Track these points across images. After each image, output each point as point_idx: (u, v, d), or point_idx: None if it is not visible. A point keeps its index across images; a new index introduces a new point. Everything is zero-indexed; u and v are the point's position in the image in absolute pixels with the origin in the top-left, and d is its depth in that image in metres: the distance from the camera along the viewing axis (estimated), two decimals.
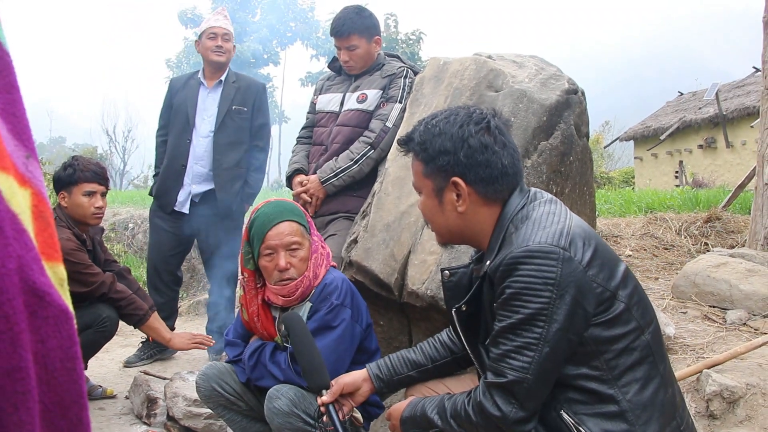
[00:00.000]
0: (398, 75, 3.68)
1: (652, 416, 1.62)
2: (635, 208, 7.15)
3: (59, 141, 59.33)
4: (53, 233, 0.78)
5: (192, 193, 4.48)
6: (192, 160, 4.47)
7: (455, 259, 2.89)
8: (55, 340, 0.72)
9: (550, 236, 1.62)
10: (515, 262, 1.60)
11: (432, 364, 2.20)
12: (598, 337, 1.61)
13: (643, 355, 1.65)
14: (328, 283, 2.58)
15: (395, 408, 1.99)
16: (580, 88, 3.41)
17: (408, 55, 27.85)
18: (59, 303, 0.73)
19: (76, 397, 0.75)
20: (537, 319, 1.57)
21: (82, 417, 0.77)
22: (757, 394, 2.43)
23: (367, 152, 3.52)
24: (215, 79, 4.55)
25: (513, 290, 1.59)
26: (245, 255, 2.64)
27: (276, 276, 2.54)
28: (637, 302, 1.69)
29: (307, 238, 2.62)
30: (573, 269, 1.58)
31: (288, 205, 2.67)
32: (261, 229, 2.55)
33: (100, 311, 3.52)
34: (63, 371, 0.73)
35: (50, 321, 0.72)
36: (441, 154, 1.78)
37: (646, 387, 1.63)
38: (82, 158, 3.76)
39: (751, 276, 3.42)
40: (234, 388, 2.74)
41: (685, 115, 20.47)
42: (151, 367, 4.36)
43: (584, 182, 3.44)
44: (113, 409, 3.81)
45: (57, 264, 0.77)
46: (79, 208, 3.60)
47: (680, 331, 3.13)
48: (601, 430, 1.60)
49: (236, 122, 4.48)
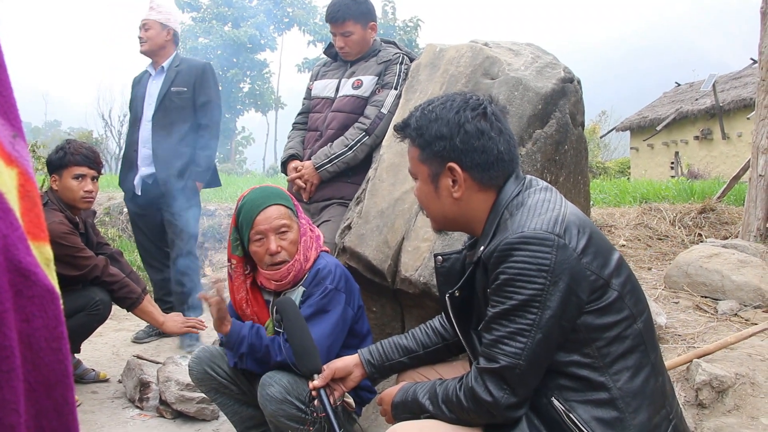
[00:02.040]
0: (394, 61, 3.67)
1: (641, 404, 1.62)
2: (630, 198, 7.16)
3: (54, 125, 59.08)
4: (40, 213, 0.77)
5: (142, 175, 4.67)
6: (141, 144, 4.69)
7: (448, 246, 2.89)
8: (40, 320, 0.72)
9: (546, 223, 1.62)
10: (510, 248, 1.60)
11: (423, 350, 2.21)
12: (590, 325, 1.62)
13: (634, 343, 1.66)
14: (322, 267, 2.58)
15: (387, 393, 1.98)
16: (576, 77, 3.40)
17: (405, 42, 27.79)
18: (45, 282, 0.73)
19: (61, 376, 0.75)
20: (530, 305, 1.56)
21: (67, 397, 0.77)
22: (746, 384, 2.44)
23: (361, 138, 3.52)
24: (158, 67, 4.76)
25: (507, 276, 1.59)
26: (233, 242, 2.64)
27: (267, 260, 2.54)
28: (630, 291, 1.69)
29: (295, 221, 2.62)
30: (567, 256, 1.58)
31: (274, 190, 2.67)
32: (249, 214, 2.55)
33: (93, 294, 3.51)
34: (48, 351, 0.73)
35: (36, 300, 0.72)
36: (437, 140, 1.78)
37: (636, 375, 1.64)
38: (75, 142, 3.75)
39: (743, 267, 3.43)
40: (226, 371, 2.74)
41: (682, 106, 20.46)
42: (144, 351, 4.36)
43: (579, 171, 3.44)
44: (106, 392, 3.82)
45: (43, 244, 0.76)
46: (68, 192, 3.60)
47: (672, 320, 3.14)
48: (591, 417, 1.60)
49: (176, 103, 4.64)
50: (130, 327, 5.13)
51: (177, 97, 4.63)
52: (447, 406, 1.74)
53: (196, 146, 4.66)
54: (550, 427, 1.64)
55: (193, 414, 3.36)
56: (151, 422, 3.41)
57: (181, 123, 4.63)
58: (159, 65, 4.73)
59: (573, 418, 1.61)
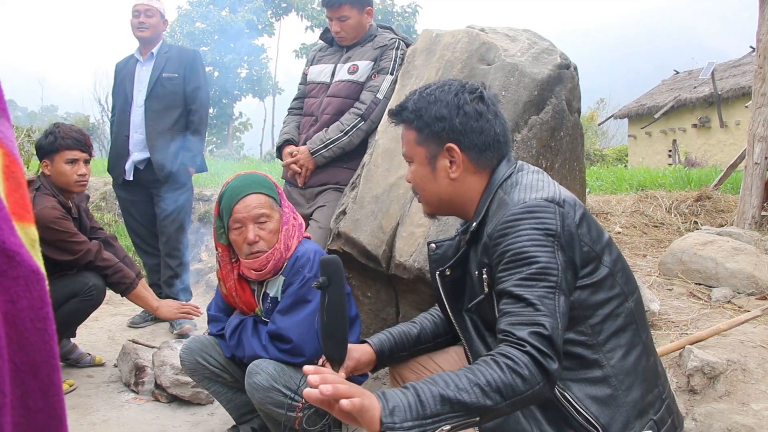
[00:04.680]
0: (390, 47, 3.66)
1: (634, 382, 1.65)
2: (627, 186, 7.16)
3: (51, 110, 58.79)
4: (25, 194, 0.77)
5: (134, 160, 4.67)
6: (132, 129, 4.69)
7: (443, 232, 2.89)
8: (25, 300, 0.72)
9: (546, 195, 1.66)
10: (515, 219, 1.62)
11: (434, 340, 2.14)
12: (584, 302, 1.64)
13: (626, 321, 1.68)
14: (300, 255, 2.57)
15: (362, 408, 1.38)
16: (572, 63, 3.39)
17: (403, 28, 27.63)
18: (30, 263, 0.72)
19: (47, 357, 0.75)
20: (549, 269, 1.54)
21: (53, 377, 0.77)
22: (738, 371, 2.46)
23: (357, 124, 3.51)
24: (147, 53, 4.76)
25: (519, 244, 1.58)
26: (218, 230, 2.63)
27: (246, 249, 2.54)
28: (620, 269, 1.72)
29: (277, 209, 2.60)
30: (569, 223, 1.62)
31: (256, 178, 2.64)
32: (228, 202, 2.54)
33: (87, 279, 3.51)
34: (34, 331, 0.73)
35: (20, 281, 0.71)
36: (436, 121, 1.81)
37: (629, 353, 1.66)
38: (64, 125, 3.72)
39: (738, 254, 3.44)
40: (218, 360, 2.74)
41: (680, 93, 20.41)
42: (140, 335, 4.37)
43: (574, 158, 3.44)
44: (102, 377, 3.84)
45: (28, 225, 0.76)
46: (62, 176, 3.58)
47: (665, 307, 3.15)
48: (585, 395, 1.62)
49: (167, 89, 4.65)
50: (126, 312, 5.14)
51: (168, 83, 4.65)
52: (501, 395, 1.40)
53: (187, 132, 4.70)
54: (544, 407, 1.65)
55: (189, 398, 3.38)
56: (147, 406, 3.42)
57: (173, 108, 4.66)
58: (148, 51, 4.73)
59: (567, 396, 1.62)
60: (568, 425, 1.62)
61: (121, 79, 4.81)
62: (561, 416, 1.63)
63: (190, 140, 4.71)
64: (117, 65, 4.97)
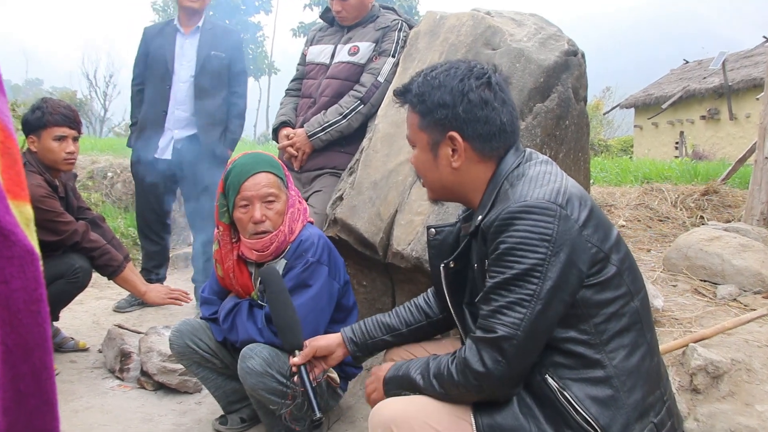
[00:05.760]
0: (392, 28, 3.65)
1: (636, 383, 1.65)
2: (632, 178, 7.17)
3: (36, 83, 58.48)
4: (20, 171, 0.77)
5: (174, 138, 4.59)
6: (173, 105, 4.59)
7: (442, 220, 2.89)
8: (19, 281, 0.72)
9: (548, 193, 1.63)
10: (512, 216, 1.61)
11: (407, 327, 2.22)
12: (588, 300, 1.63)
13: (631, 321, 1.68)
14: (304, 239, 2.58)
15: (379, 368, 1.98)
16: (580, 50, 3.39)
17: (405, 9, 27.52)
18: (24, 243, 0.73)
19: (40, 340, 0.75)
20: (531, 275, 1.56)
21: (45, 361, 0.77)
22: (742, 370, 2.47)
23: (356, 107, 3.50)
24: (192, 26, 4.66)
25: (508, 245, 1.59)
26: (220, 207, 2.63)
27: (251, 228, 2.54)
28: (628, 268, 1.71)
29: (284, 191, 2.61)
30: (569, 227, 1.60)
31: (265, 157, 2.65)
32: (237, 179, 2.54)
33: (73, 261, 3.49)
34: (27, 313, 0.73)
35: (14, 261, 0.72)
36: (439, 107, 1.79)
37: (632, 354, 1.66)
38: (52, 100, 3.68)
39: (745, 251, 3.44)
40: (209, 345, 2.75)
41: (689, 84, 20.39)
42: (126, 320, 4.37)
43: (579, 147, 3.44)
44: (85, 362, 3.83)
45: (23, 203, 0.76)
46: (49, 153, 3.54)
47: (669, 304, 3.16)
48: (585, 395, 1.62)
49: (215, 67, 4.60)
50: (111, 295, 5.14)
51: (216, 61, 4.60)
52: (437, 381, 1.72)
53: (230, 114, 4.69)
54: (543, 405, 1.66)
55: (176, 386, 3.38)
56: (132, 393, 3.42)
57: (219, 89, 4.63)
58: (193, 24, 4.64)
59: (567, 395, 1.62)
60: (567, 425, 1.62)
61: (156, 48, 4.67)
62: (560, 415, 1.63)
63: (234, 123, 4.71)
64: (146, 31, 4.86)
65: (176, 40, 4.63)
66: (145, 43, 4.77)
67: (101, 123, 32.64)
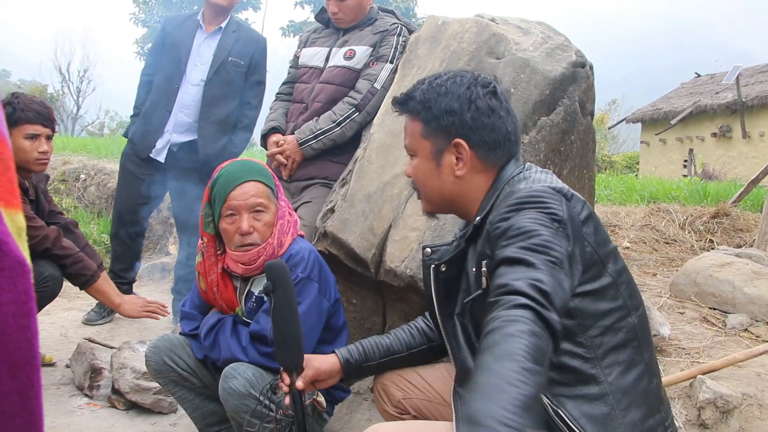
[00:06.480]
0: (391, 32, 3.67)
1: (632, 403, 1.66)
2: (637, 197, 7.21)
3: (3, 75, 58.17)
4: (13, 178, 0.78)
5: (172, 142, 4.55)
6: (177, 108, 4.55)
7: (439, 238, 2.91)
8: (9, 294, 0.72)
9: (553, 186, 1.70)
10: (521, 202, 1.64)
11: (407, 351, 2.23)
12: (585, 310, 1.65)
13: (628, 337, 1.70)
14: (294, 253, 2.58)
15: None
16: (588, 62, 3.42)
17: (402, 11, 27.61)
18: (16, 254, 0.73)
19: (28, 356, 0.76)
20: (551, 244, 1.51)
21: (32, 379, 0.77)
22: (753, 406, 2.49)
23: (351, 114, 3.52)
24: (215, 25, 4.60)
25: (521, 224, 1.57)
26: (206, 217, 2.62)
27: (237, 240, 2.53)
28: (625, 282, 1.75)
29: (274, 202, 2.62)
30: (575, 215, 1.65)
31: (255, 165, 2.65)
32: (224, 188, 2.53)
33: (42, 269, 3.44)
34: (16, 328, 0.74)
35: (5, 273, 0.72)
36: (446, 114, 1.84)
37: (628, 371, 1.68)
38: (24, 96, 3.64)
39: (757, 279, 3.48)
40: (187, 362, 2.73)
41: (701, 99, 20.52)
42: (97, 334, 4.35)
43: (584, 164, 3.47)
44: (51, 378, 3.79)
45: (16, 212, 0.77)
46: (20, 153, 3.48)
47: (676, 332, 3.18)
48: (580, 413, 1.63)
49: (230, 74, 4.54)
50: (81, 306, 5.11)
51: (233, 69, 4.54)
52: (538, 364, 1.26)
53: (238, 125, 4.63)
54: None
55: (149, 406, 3.37)
56: (101, 413, 3.40)
57: (231, 98, 4.56)
58: (216, 23, 4.58)
59: (561, 414, 1.63)
60: None
61: (173, 42, 4.63)
62: None
63: (239, 136, 4.65)
64: (167, 21, 4.83)
65: (195, 37, 4.59)
66: (164, 33, 4.73)
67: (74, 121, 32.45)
